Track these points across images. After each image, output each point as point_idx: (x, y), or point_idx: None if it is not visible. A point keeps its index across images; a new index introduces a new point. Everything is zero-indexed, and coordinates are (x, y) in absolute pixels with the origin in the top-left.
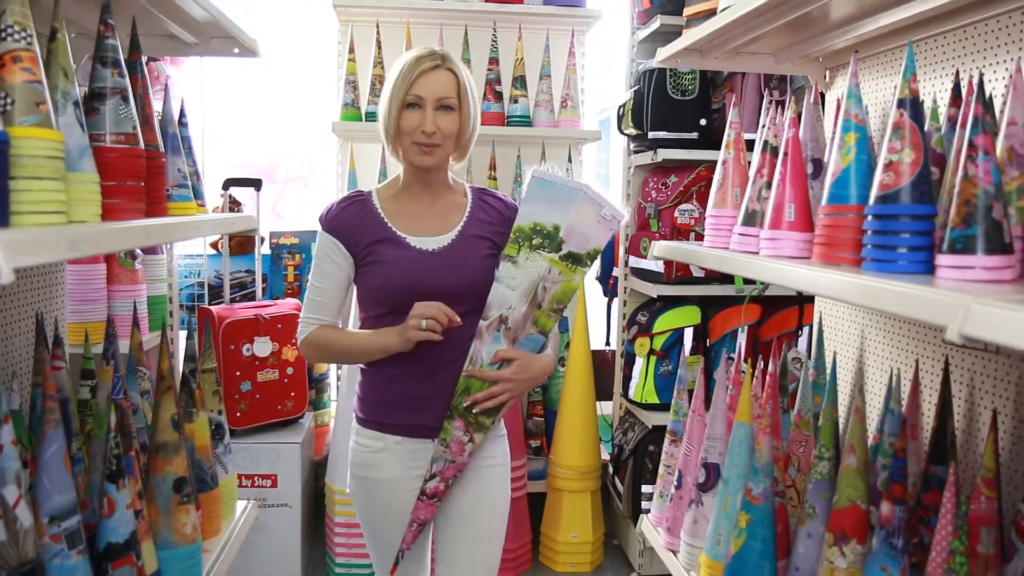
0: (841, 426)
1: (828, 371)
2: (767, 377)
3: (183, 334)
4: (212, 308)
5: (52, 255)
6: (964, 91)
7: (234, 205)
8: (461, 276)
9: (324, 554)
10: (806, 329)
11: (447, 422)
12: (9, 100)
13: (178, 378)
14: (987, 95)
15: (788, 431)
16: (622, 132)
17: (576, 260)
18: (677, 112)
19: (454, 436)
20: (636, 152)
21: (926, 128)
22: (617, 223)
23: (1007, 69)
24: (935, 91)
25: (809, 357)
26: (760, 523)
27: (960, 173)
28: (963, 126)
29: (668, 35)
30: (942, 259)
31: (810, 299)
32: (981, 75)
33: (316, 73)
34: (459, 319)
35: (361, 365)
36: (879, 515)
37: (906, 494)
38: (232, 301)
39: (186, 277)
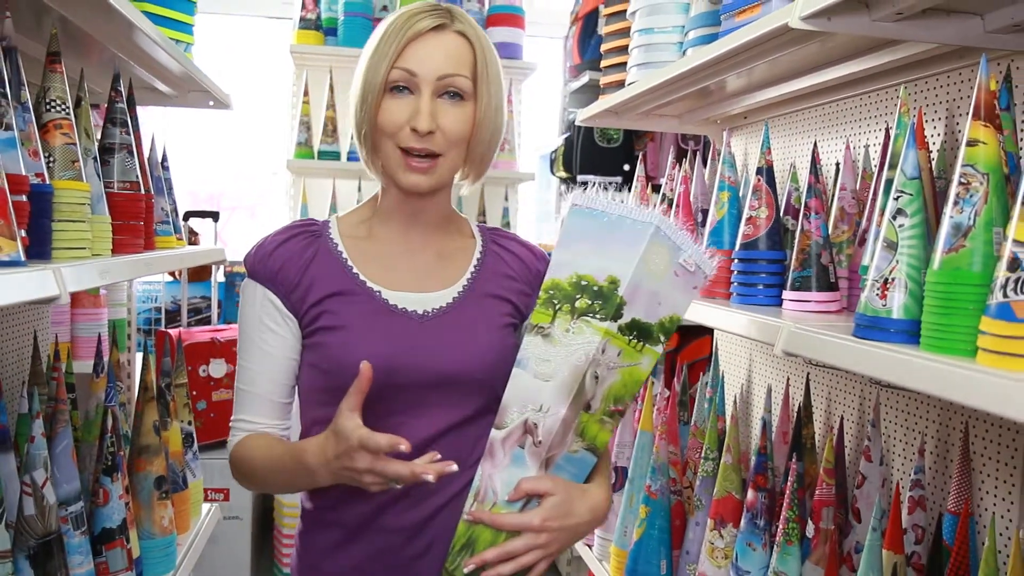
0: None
1: (719, 388)
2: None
3: (139, 355)
4: (170, 331)
5: (89, 283)
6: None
7: (192, 235)
8: (470, 356)
9: (272, 565)
10: None
11: None
12: (52, 158)
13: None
14: (820, 165)
15: (687, 440)
16: (554, 174)
17: (644, 334)
18: (603, 158)
19: None
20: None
21: (787, 188)
22: (703, 277)
23: (846, 141)
24: (796, 156)
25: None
26: (657, 514)
27: (799, 227)
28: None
29: (596, 88)
30: (787, 295)
31: None
32: (815, 151)
33: (266, 104)
34: (448, 466)
35: (304, 503)
36: (746, 501)
37: (767, 484)
38: (188, 325)
39: (143, 302)
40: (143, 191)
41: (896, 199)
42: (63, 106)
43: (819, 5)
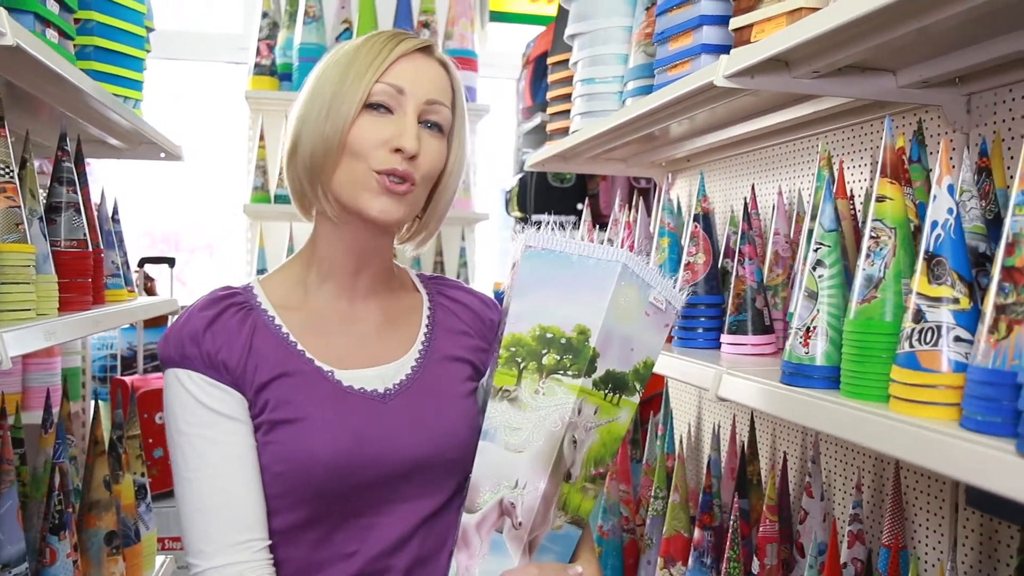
0: None
1: (668, 426)
2: None
3: (92, 403)
4: (125, 378)
5: (34, 346)
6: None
7: (148, 281)
8: (443, 435)
9: None
10: None
11: None
12: None
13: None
14: (752, 211)
15: (640, 477)
16: (509, 214)
17: (619, 385)
18: (557, 198)
19: None
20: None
21: (726, 231)
22: (674, 314)
23: (779, 186)
24: (736, 199)
25: None
26: (609, 554)
27: (735, 273)
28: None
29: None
30: (725, 338)
31: None
32: (747, 199)
33: (222, 147)
34: None
35: None
36: (693, 540)
37: (713, 522)
38: (144, 371)
39: (99, 349)
40: (91, 247)
41: (815, 251)
42: (7, 170)
43: (742, 64)
